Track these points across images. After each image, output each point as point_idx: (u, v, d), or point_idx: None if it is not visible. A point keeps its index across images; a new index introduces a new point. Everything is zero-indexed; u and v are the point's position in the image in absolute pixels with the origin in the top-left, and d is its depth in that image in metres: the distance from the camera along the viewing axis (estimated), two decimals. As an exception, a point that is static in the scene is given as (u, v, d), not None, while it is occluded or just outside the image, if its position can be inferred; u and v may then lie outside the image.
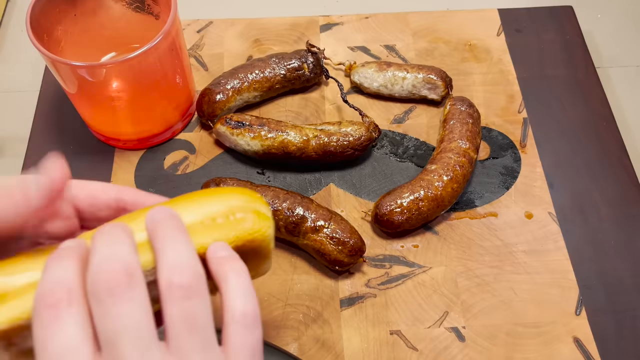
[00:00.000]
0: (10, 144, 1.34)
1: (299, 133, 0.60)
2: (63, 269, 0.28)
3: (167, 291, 0.28)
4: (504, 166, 0.64)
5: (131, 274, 0.28)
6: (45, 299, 0.27)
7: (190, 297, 0.28)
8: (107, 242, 0.29)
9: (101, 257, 0.28)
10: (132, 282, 0.27)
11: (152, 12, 0.63)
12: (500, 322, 0.54)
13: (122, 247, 0.29)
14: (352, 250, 0.54)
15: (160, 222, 0.31)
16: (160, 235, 0.30)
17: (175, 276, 0.28)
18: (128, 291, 0.27)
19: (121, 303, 0.27)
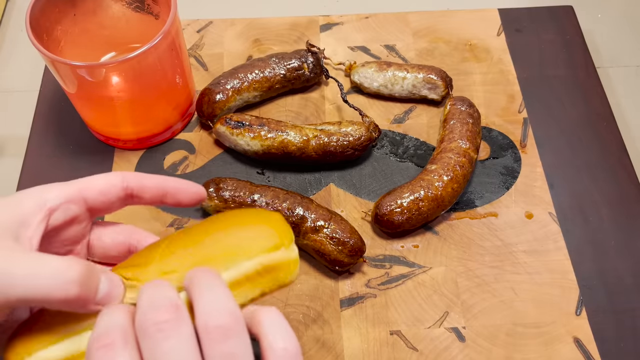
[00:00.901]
0: (10, 143, 1.34)
1: (299, 133, 0.60)
2: (116, 315, 0.30)
3: (205, 333, 0.28)
4: (504, 166, 0.64)
5: (177, 308, 0.29)
6: (100, 340, 0.29)
7: (229, 338, 0.28)
8: (152, 287, 0.30)
9: (148, 298, 0.30)
10: (178, 317, 0.29)
11: (152, 11, 0.63)
12: (500, 323, 0.54)
13: (167, 290, 0.30)
14: (352, 251, 0.54)
15: (198, 275, 0.32)
16: (196, 283, 0.31)
17: (212, 318, 0.29)
18: (175, 326, 0.28)
19: (169, 338, 0.28)
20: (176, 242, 0.35)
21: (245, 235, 0.35)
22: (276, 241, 0.35)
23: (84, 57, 0.60)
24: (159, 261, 0.34)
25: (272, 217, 0.37)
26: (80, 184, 0.36)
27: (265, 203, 0.55)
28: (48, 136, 0.67)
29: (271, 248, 0.35)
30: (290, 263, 0.35)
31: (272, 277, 0.35)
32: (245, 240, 0.35)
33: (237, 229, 0.35)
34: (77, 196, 0.36)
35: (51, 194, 0.34)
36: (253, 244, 0.34)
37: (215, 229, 0.36)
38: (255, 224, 0.36)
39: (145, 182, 0.38)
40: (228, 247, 0.34)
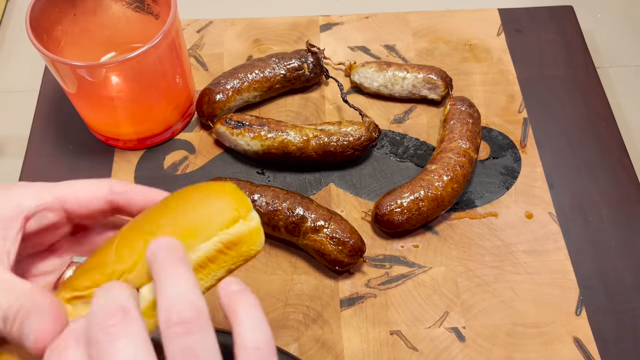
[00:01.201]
0: (10, 143, 1.34)
1: (299, 133, 0.60)
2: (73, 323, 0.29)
3: (166, 329, 0.27)
4: (504, 166, 0.64)
5: (127, 311, 0.27)
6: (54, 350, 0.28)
7: (190, 333, 0.27)
8: (101, 293, 0.29)
9: (96, 305, 0.28)
10: (127, 318, 0.27)
11: (152, 11, 0.63)
12: (500, 323, 0.54)
13: (117, 293, 0.29)
14: (352, 251, 0.54)
15: (158, 254, 0.30)
16: (159, 269, 0.29)
17: (174, 312, 0.27)
18: (124, 328, 0.27)
19: (117, 339, 0.27)
20: (129, 234, 0.33)
21: (198, 214, 0.33)
22: (233, 214, 0.33)
23: (84, 57, 0.60)
24: (115, 260, 0.32)
25: (224, 189, 0.35)
26: (61, 191, 0.34)
27: (265, 203, 0.55)
28: (48, 136, 0.67)
29: (229, 223, 0.33)
30: (252, 233, 0.34)
31: (235, 253, 0.34)
32: (200, 220, 0.33)
33: (189, 209, 0.33)
34: (55, 204, 0.34)
35: (27, 200, 0.33)
36: (208, 223, 0.33)
37: (165, 213, 0.33)
38: (207, 200, 0.34)
39: (134, 197, 0.36)
40: (182, 231, 0.32)
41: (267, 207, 0.55)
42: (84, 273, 0.33)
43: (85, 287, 0.31)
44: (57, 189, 0.34)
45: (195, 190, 0.35)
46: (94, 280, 0.31)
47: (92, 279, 0.32)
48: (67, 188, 0.34)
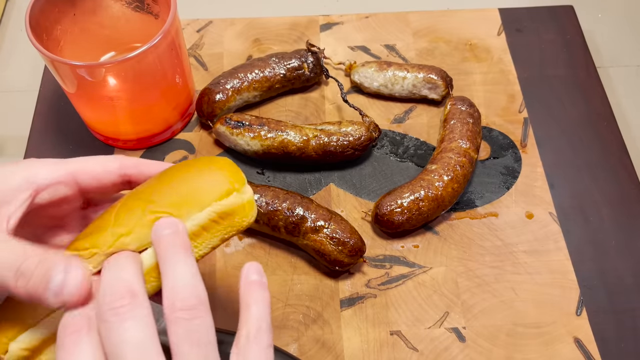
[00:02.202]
0: (9, 143, 1.34)
1: (298, 133, 0.60)
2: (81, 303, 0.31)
3: (170, 313, 0.30)
4: (504, 166, 0.64)
5: (134, 294, 0.30)
6: (67, 328, 0.30)
7: (193, 318, 0.30)
8: (112, 270, 0.31)
9: (106, 283, 0.31)
10: (134, 301, 0.30)
11: (152, 11, 0.63)
12: (500, 323, 0.54)
13: (127, 272, 0.31)
14: (352, 251, 0.54)
15: (162, 238, 0.32)
16: (164, 254, 0.32)
17: (178, 300, 0.30)
18: (131, 310, 0.29)
19: (124, 321, 0.29)
20: (128, 201, 0.35)
21: (195, 186, 0.35)
22: (227, 187, 0.35)
23: (83, 57, 0.60)
24: (114, 224, 0.34)
25: (220, 162, 0.37)
26: (75, 165, 0.35)
27: (265, 203, 0.55)
28: (48, 136, 0.66)
29: (223, 195, 0.35)
30: (244, 206, 0.36)
31: (228, 223, 0.36)
32: (196, 191, 0.35)
33: (186, 181, 0.35)
34: (68, 178, 0.35)
35: (41, 173, 0.34)
36: (204, 194, 0.35)
37: (164, 183, 0.35)
38: (204, 172, 0.36)
39: (144, 169, 0.37)
40: (179, 201, 0.34)
41: (267, 207, 0.55)
42: (85, 236, 0.35)
43: (84, 248, 0.34)
44: (70, 163, 0.35)
45: (194, 163, 0.37)
46: (93, 242, 0.34)
47: (91, 240, 0.34)
48: (80, 163, 0.36)
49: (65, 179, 0.35)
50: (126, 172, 0.37)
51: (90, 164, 0.36)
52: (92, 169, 0.36)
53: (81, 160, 0.36)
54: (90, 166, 0.36)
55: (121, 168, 0.37)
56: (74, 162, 0.36)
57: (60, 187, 0.35)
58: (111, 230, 0.34)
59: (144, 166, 0.38)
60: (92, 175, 0.36)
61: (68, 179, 0.35)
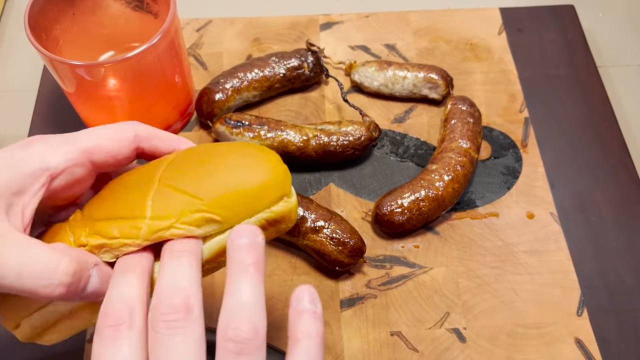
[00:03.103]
0: (8, 143, 1.34)
1: (298, 133, 0.60)
2: (127, 286, 0.30)
3: (221, 339, 0.28)
4: (505, 166, 0.64)
5: (190, 309, 0.29)
6: (108, 318, 0.29)
7: (241, 353, 0.28)
8: (173, 270, 0.30)
9: (165, 287, 0.29)
10: (189, 317, 0.29)
11: (151, 10, 0.62)
12: (501, 323, 0.54)
13: (186, 280, 0.30)
14: (352, 251, 0.54)
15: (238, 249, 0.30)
16: (233, 267, 0.30)
17: (231, 328, 0.28)
18: (184, 326, 0.28)
19: (175, 335, 0.28)
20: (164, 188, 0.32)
21: (246, 186, 0.32)
22: (280, 193, 0.33)
23: (82, 57, 0.60)
24: (152, 216, 0.31)
25: (271, 159, 0.34)
26: (88, 143, 0.33)
27: (265, 203, 0.55)
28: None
29: (274, 201, 0.33)
30: (291, 211, 0.34)
31: (274, 229, 0.34)
32: (248, 194, 0.32)
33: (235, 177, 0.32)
34: (82, 159, 0.33)
35: (54, 158, 0.32)
36: (257, 199, 0.32)
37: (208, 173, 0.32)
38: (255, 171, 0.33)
39: (159, 145, 0.35)
40: (229, 204, 0.32)
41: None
42: (113, 220, 0.32)
43: (113, 237, 0.32)
44: (82, 142, 0.33)
45: (239, 153, 0.34)
46: (123, 231, 0.31)
47: (120, 229, 0.32)
48: (92, 139, 0.33)
49: (80, 160, 0.33)
50: (140, 144, 0.35)
51: (104, 140, 0.34)
52: (105, 145, 0.34)
53: (93, 136, 0.34)
54: (104, 143, 0.34)
55: (135, 141, 0.35)
56: (86, 139, 0.33)
57: (76, 169, 0.33)
58: (147, 222, 0.31)
59: (157, 141, 0.35)
60: (106, 152, 0.34)
61: (82, 159, 0.33)
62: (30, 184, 0.31)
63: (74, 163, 0.33)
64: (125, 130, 0.34)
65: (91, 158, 0.33)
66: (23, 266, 0.29)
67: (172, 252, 0.31)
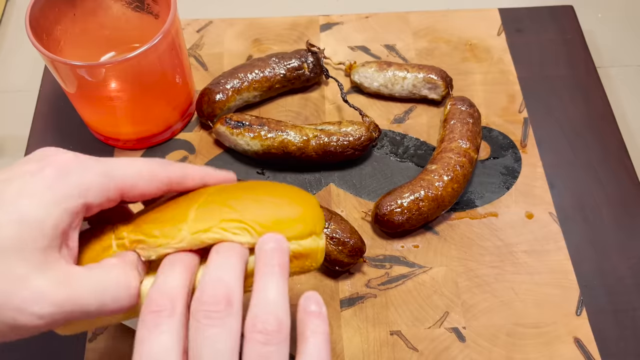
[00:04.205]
0: (9, 143, 1.34)
1: (299, 133, 0.60)
2: (172, 277, 0.32)
3: (250, 333, 0.30)
4: (504, 166, 0.64)
5: (231, 303, 0.31)
6: (151, 305, 0.31)
7: (268, 344, 0.30)
8: (219, 265, 0.32)
9: (209, 279, 0.31)
10: (229, 310, 0.30)
11: (152, 11, 0.63)
12: (500, 323, 0.54)
13: (230, 275, 0.32)
14: (352, 251, 0.54)
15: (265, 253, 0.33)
16: (260, 268, 0.32)
17: (259, 321, 0.30)
18: (223, 317, 0.30)
19: (213, 327, 0.30)
20: (211, 201, 0.35)
21: (281, 213, 0.35)
22: (311, 229, 0.35)
23: (83, 57, 0.60)
24: (194, 219, 0.34)
25: (311, 201, 0.37)
26: (122, 182, 0.33)
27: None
28: (48, 136, 0.66)
29: (304, 235, 0.35)
30: (318, 251, 0.36)
31: (298, 264, 0.36)
32: (282, 219, 0.34)
33: (273, 203, 0.35)
34: (115, 195, 0.33)
35: (93, 195, 0.32)
36: (289, 225, 0.34)
37: (249, 195, 0.35)
38: (293, 202, 0.36)
39: (189, 184, 0.37)
40: (263, 222, 0.34)
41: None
42: (156, 221, 0.34)
43: (153, 236, 0.34)
44: (119, 179, 0.33)
45: (281, 188, 0.37)
46: (164, 232, 0.34)
47: (162, 229, 0.34)
48: (128, 178, 0.34)
49: (114, 197, 0.33)
50: (171, 187, 0.36)
51: (139, 180, 0.34)
52: (140, 186, 0.34)
53: (128, 171, 0.34)
54: (138, 182, 0.34)
55: (168, 183, 0.35)
56: (122, 174, 0.33)
57: (107, 203, 0.34)
58: (188, 223, 0.33)
59: (190, 182, 0.36)
60: (138, 192, 0.34)
61: (115, 195, 0.33)
62: (73, 220, 0.32)
63: (109, 200, 0.33)
64: (158, 170, 0.35)
65: (123, 194, 0.34)
66: (102, 294, 0.31)
67: (220, 251, 0.33)
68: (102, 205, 0.33)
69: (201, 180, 0.37)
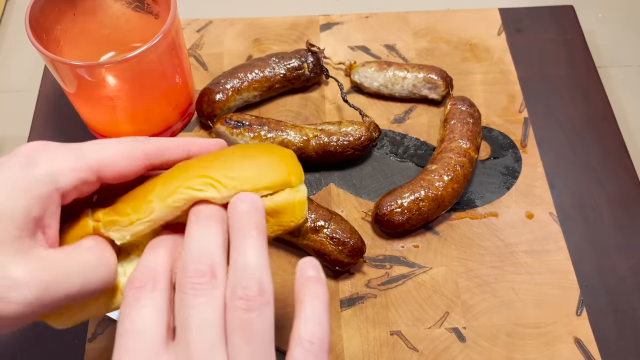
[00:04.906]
0: (9, 143, 1.34)
1: (298, 133, 0.60)
2: (154, 257, 0.32)
3: (230, 300, 0.30)
4: (504, 166, 0.64)
5: (215, 274, 0.30)
6: (134, 282, 0.30)
7: (250, 310, 0.29)
8: (199, 235, 0.31)
9: (191, 252, 0.30)
10: (213, 282, 0.30)
11: (152, 11, 0.63)
12: (501, 323, 0.54)
13: (212, 243, 0.31)
14: (352, 251, 0.54)
15: (240, 215, 0.32)
16: (236, 233, 0.31)
17: (239, 287, 0.30)
18: (209, 288, 0.29)
19: (198, 296, 0.29)
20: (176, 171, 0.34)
21: (254, 167, 0.33)
22: (283, 180, 0.33)
23: (83, 57, 0.60)
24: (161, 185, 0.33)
25: (282, 151, 0.35)
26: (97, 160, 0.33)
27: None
28: (47, 136, 0.66)
29: (276, 187, 0.33)
30: (295, 205, 0.34)
31: (276, 221, 0.34)
32: (252, 174, 0.33)
33: (244, 161, 0.33)
34: (92, 176, 0.33)
35: (64, 177, 0.31)
36: (259, 175, 0.33)
37: (216, 159, 0.34)
38: (265, 157, 0.34)
39: (169, 157, 0.36)
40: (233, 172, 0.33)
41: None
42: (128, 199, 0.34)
43: (125, 214, 0.33)
44: (91, 158, 0.33)
45: (260, 145, 0.36)
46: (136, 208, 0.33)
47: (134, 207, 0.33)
48: (101, 156, 0.33)
49: (89, 178, 0.33)
50: (151, 162, 0.35)
51: (114, 158, 0.33)
52: (116, 163, 0.33)
53: (101, 152, 0.33)
54: (113, 160, 0.33)
55: (146, 159, 0.34)
56: (94, 154, 0.33)
57: (84, 187, 0.33)
58: (155, 194, 0.33)
59: (170, 154, 0.35)
60: (116, 171, 0.33)
61: (91, 177, 0.33)
62: (46, 207, 0.31)
63: (84, 181, 0.33)
64: (134, 147, 0.34)
65: (99, 175, 0.33)
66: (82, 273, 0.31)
67: (199, 219, 0.32)
68: (78, 188, 0.32)
69: (184, 152, 0.36)
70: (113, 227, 0.33)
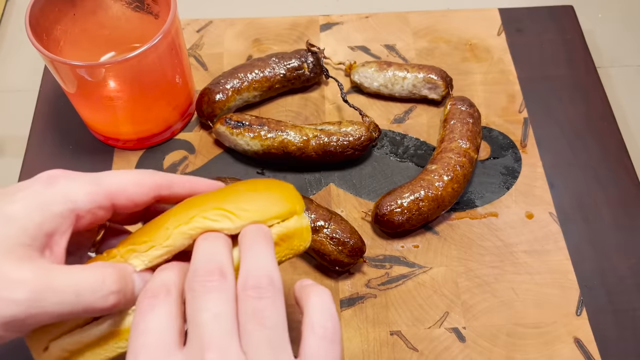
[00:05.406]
0: (9, 143, 1.34)
1: (298, 133, 0.60)
2: (166, 273, 0.33)
3: (242, 291, 0.31)
4: (504, 166, 0.64)
5: (224, 274, 0.31)
6: (147, 292, 0.31)
7: (262, 297, 0.30)
8: (207, 247, 0.33)
9: (200, 259, 0.32)
10: (223, 280, 0.31)
11: (152, 11, 0.63)
12: (500, 323, 0.54)
13: (219, 254, 0.32)
14: (352, 251, 0.54)
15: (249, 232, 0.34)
16: (246, 244, 0.33)
17: (250, 278, 0.31)
18: (219, 286, 0.30)
19: (210, 292, 0.30)
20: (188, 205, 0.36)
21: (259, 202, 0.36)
22: (291, 209, 0.36)
23: (83, 57, 0.60)
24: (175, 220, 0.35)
25: (283, 185, 0.38)
26: (112, 186, 0.35)
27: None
28: (48, 136, 0.66)
29: (286, 215, 0.36)
30: (303, 230, 0.37)
31: (287, 245, 0.37)
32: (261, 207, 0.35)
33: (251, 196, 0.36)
34: (107, 202, 0.34)
35: (80, 199, 0.33)
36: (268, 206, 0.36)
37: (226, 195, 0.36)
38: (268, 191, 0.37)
39: (178, 191, 0.37)
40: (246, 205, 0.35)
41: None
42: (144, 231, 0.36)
43: (142, 242, 0.35)
44: (107, 185, 0.35)
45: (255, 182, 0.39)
46: (152, 235, 0.35)
47: (150, 235, 0.35)
48: (116, 183, 0.35)
49: (104, 203, 0.34)
50: (160, 193, 0.37)
51: (127, 185, 0.35)
52: (129, 190, 0.35)
53: (116, 178, 0.35)
54: (126, 187, 0.35)
55: (156, 189, 0.36)
56: (110, 181, 0.35)
57: (99, 212, 0.34)
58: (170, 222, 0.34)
59: (177, 187, 0.37)
60: (128, 197, 0.35)
61: (106, 202, 0.34)
62: (60, 224, 0.32)
63: (99, 205, 0.34)
64: (146, 177, 0.36)
65: (113, 201, 0.35)
66: (77, 286, 0.31)
67: (207, 238, 0.33)
68: (92, 212, 0.34)
69: (190, 188, 0.38)
70: (132, 255, 0.35)
